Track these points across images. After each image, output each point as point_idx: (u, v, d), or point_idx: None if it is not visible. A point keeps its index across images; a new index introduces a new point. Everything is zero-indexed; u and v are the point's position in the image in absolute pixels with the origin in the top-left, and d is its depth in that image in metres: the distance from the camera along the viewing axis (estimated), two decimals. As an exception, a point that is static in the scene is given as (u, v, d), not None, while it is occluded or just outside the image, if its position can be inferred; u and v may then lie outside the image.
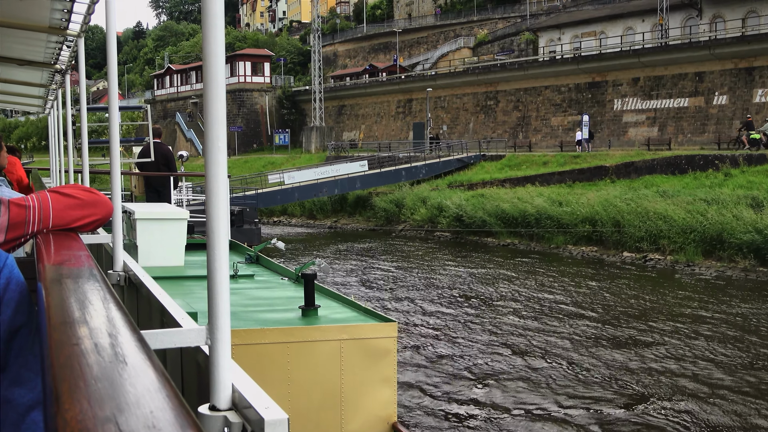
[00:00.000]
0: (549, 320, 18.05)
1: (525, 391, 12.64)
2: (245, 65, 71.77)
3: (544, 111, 49.03)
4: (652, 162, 33.93)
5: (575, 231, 29.54)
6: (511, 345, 15.79)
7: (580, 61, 47.12)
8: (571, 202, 30.86)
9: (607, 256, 28.12)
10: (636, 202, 28.84)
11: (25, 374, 1.40)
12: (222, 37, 1.48)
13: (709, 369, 13.72)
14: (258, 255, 8.22)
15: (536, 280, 23.77)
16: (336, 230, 41.17)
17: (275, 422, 1.43)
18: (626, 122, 44.19)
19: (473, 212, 33.38)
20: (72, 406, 0.75)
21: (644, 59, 43.33)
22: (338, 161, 44.32)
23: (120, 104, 5.71)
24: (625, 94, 44.47)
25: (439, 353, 15.23)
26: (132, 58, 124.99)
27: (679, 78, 41.91)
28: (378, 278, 24.68)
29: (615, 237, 28.17)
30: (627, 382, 13.00)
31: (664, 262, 26.06)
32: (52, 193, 2.05)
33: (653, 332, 16.50)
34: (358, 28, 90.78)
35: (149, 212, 7.32)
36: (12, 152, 8.22)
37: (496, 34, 69.51)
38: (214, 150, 1.49)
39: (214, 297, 1.52)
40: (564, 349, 15.35)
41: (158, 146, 12.62)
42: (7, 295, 1.43)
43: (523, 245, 31.42)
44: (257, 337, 4.71)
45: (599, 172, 34.95)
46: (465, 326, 17.51)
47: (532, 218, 31.21)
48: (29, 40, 5.42)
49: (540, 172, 37.33)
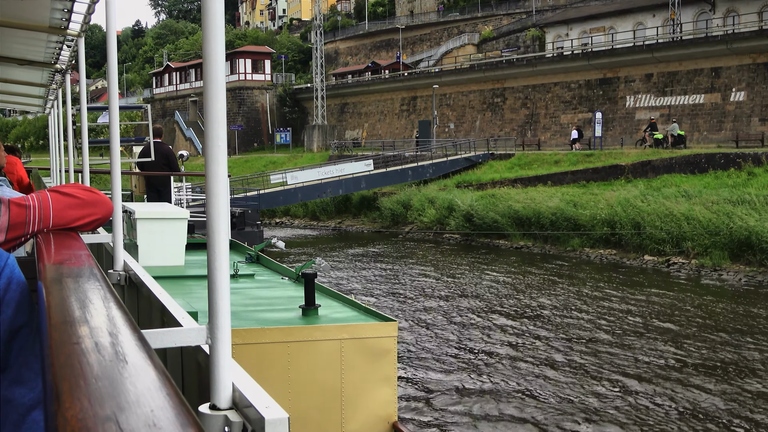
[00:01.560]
0: (562, 325, 16.74)
1: (525, 391, 12.52)
2: (245, 62, 70.36)
3: (554, 108, 47.67)
4: (670, 161, 32.60)
5: (593, 233, 28.20)
6: (519, 348, 14.58)
7: (590, 57, 45.73)
8: (587, 203, 29.53)
9: (627, 259, 26.78)
10: (658, 202, 27.51)
11: (26, 374, 1.40)
12: (222, 35, 1.47)
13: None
14: (258, 254, 8.22)
15: (551, 284, 22.46)
16: (340, 232, 39.83)
17: (276, 421, 1.41)
18: (639, 119, 42.82)
19: (484, 213, 32.05)
20: (72, 404, 0.75)
21: (658, 54, 41.96)
22: (342, 160, 42.97)
23: (119, 103, 5.61)
24: (637, 91, 43.10)
25: (440, 354, 14.96)
26: (131, 57, 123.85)
27: (694, 74, 40.54)
28: (385, 282, 23.34)
29: (635, 239, 26.84)
30: (641, 404, 11.68)
31: (689, 266, 24.72)
32: (52, 192, 2.05)
33: (688, 345, 15.16)
34: (359, 26, 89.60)
35: (149, 212, 7.36)
36: (12, 152, 8.32)
37: (500, 30, 68.19)
38: (214, 149, 1.48)
39: (214, 296, 1.53)
40: (577, 356, 14.08)
41: (159, 146, 12.45)
42: (8, 295, 1.43)
43: (538, 248, 30.09)
44: (258, 337, 4.71)
45: (614, 171, 33.62)
46: (472, 329, 16.22)
47: (546, 220, 29.88)
48: (30, 39, 5.43)
49: (552, 172, 36.00)
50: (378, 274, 25.07)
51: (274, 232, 38.66)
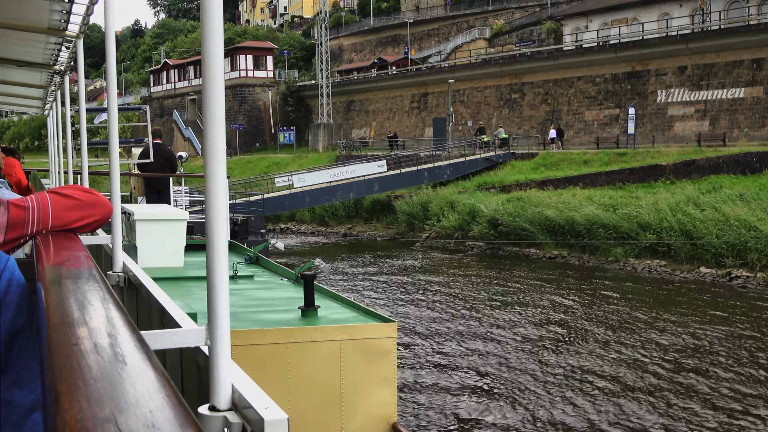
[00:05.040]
0: (600, 343, 13.68)
1: (527, 391, 12.48)
2: (246, 59, 67.17)
3: (577, 104, 44.56)
4: (717, 160, 29.55)
5: (639, 242, 25.12)
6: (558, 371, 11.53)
7: (618, 49, 42.57)
8: (628, 207, 26.47)
9: (680, 272, 23.72)
10: (712, 206, 24.45)
11: (26, 376, 1.40)
12: (221, 29, 1.46)
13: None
14: (257, 256, 8.15)
15: (598, 301, 19.41)
16: (351, 238, 36.74)
17: (275, 422, 1.41)
18: (672, 116, 39.71)
19: (512, 220, 28.99)
20: (71, 405, 0.75)
21: (692, 45, 38.81)
22: (351, 161, 39.86)
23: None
24: (670, 85, 39.96)
25: (443, 354, 14.91)
26: (130, 56, 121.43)
27: (733, 66, 37.42)
28: (403, 295, 20.28)
29: (688, 249, 23.79)
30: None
31: (755, 280, 21.67)
32: (51, 194, 2.04)
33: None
34: (363, 21, 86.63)
35: (148, 213, 7.33)
36: (11, 154, 8.37)
37: (513, 24, 65.12)
38: (214, 149, 1.47)
39: (213, 298, 1.52)
40: (630, 375, 11.05)
41: (159, 147, 12.49)
42: (8, 297, 1.42)
43: (574, 258, 27.02)
44: (257, 338, 4.70)
45: (654, 171, 30.58)
46: (503, 342, 13.25)
47: (582, 227, 26.82)
48: (28, 41, 5.48)
49: (583, 173, 32.97)
50: (397, 284, 22.01)
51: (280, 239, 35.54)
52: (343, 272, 25.71)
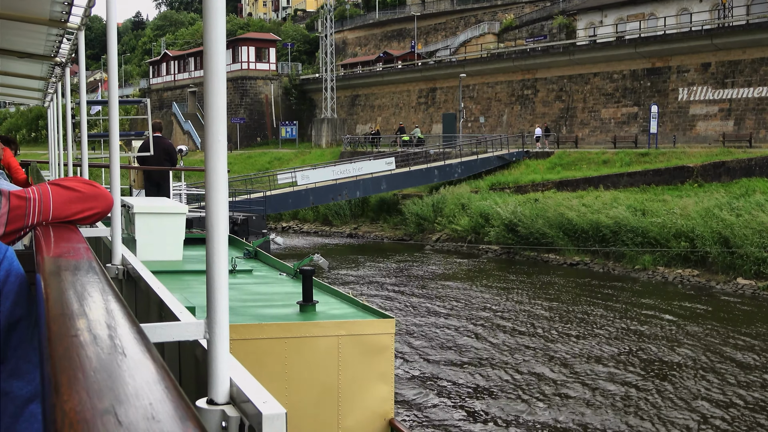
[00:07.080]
0: (639, 363, 11.94)
1: (527, 393, 12.37)
2: (248, 50, 65.24)
3: (593, 101, 42.73)
4: (749, 162, 27.77)
5: (670, 250, 23.35)
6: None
7: (637, 44, 40.71)
8: (657, 212, 24.69)
9: (716, 282, 21.96)
10: (748, 212, 22.69)
11: (24, 367, 1.39)
12: (223, 20, 1.42)
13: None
14: (256, 250, 8.10)
15: (627, 310, 17.65)
16: (356, 239, 34.95)
17: (273, 416, 1.38)
18: (694, 115, 37.89)
19: (530, 223, 27.20)
20: (71, 397, 0.75)
21: (717, 41, 36.98)
22: (357, 158, 38.05)
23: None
24: (692, 82, 38.13)
25: (443, 355, 14.78)
26: (130, 49, 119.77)
27: (760, 63, 35.57)
28: (411, 298, 18.52)
29: (724, 258, 22.03)
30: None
31: (801, 294, 19.92)
32: (52, 185, 2.00)
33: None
34: (368, 15, 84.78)
35: (148, 206, 7.34)
36: (8, 144, 8.09)
37: (523, 18, 63.27)
38: (214, 143, 1.45)
39: (212, 291, 1.50)
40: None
41: (160, 140, 12.41)
42: (7, 287, 1.41)
43: (598, 265, 25.25)
44: (255, 332, 4.68)
45: (680, 173, 28.81)
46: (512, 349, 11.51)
47: (608, 230, 25.05)
48: (29, 32, 5.45)
49: (603, 173, 31.19)
50: (406, 294, 20.23)
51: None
52: (348, 276, 23.94)
